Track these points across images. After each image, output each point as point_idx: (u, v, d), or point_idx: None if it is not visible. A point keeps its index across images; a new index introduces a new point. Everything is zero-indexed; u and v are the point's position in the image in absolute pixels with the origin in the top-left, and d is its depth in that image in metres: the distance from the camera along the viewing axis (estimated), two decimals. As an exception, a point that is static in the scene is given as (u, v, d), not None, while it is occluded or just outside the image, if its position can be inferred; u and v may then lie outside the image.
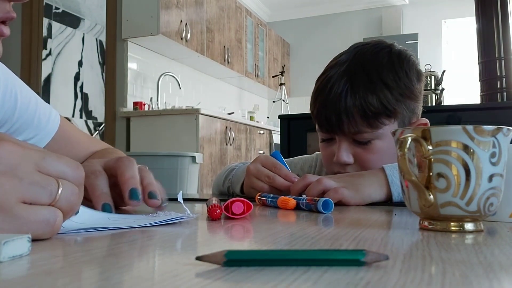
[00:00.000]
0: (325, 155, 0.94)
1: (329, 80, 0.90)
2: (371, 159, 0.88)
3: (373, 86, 0.86)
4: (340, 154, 0.88)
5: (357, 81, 0.87)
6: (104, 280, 0.24)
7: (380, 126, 0.87)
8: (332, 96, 0.88)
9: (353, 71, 0.89)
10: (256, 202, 0.72)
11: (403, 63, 0.90)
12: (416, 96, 0.91)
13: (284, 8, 6.23)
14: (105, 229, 0.41)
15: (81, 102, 3.49)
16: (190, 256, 0.30)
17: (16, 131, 0.74)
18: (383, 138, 0.88)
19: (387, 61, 0.90)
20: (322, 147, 0.95)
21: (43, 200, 0.35)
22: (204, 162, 3.52)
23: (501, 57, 2.15)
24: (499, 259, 0.30)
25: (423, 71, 0.97)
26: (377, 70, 0.88)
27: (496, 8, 2.16)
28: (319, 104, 0.91)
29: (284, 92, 5.70)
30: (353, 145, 0.89)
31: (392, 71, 0.88)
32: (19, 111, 0.73)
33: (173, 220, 0.46)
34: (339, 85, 0.88)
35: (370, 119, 0.86)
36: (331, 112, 0.88)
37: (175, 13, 3.81)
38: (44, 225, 0.34)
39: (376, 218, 0.54)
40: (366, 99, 0.85)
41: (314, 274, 0.24)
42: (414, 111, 0.91)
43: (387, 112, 0.86)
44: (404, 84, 0.88)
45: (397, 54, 0.91)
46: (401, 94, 0.88)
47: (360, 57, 0.91)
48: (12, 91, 0.72)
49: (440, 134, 0.41)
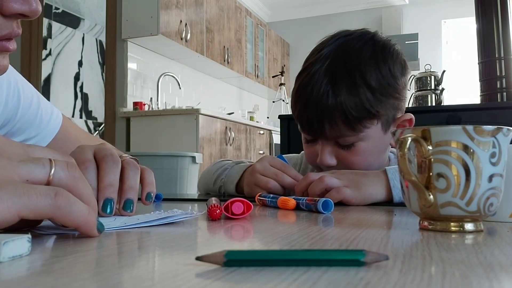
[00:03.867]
0: (308, 154, 0.93)
1: (310, 79, 0.87)
2: (355, 161, 0.86)
3: (356, 88, 0.83)
4: (324, 158, 0.87)
5: (339, 82, 0.84)
6: (104, 280, 0.23)
7: (363, 130, 0.85)
8: (314, 97, 0.85)
9: (335, 70, 0.85)
10: (256, 202, 0.72)
11: (387, 57, 0.87)
12: (400, 93, 0.89)
13: (284, 8, 6.23)
14: (111, 230, 0.41)
15: (81, 102, 3.49)
16: (190, 256, 0.30)
17: (18, 130, 0.74)
18: (367, 140, 0.86)
19: (369, 56, 0.86)
20: (305, 147, 0.94)
21: (38, 175, 0.34)
22: (204, 162, 3.52)
23: (501, 57, 2.15)
24: (499, 259, 0.30)
25: (424, 71, 0.96)
26: (360, 70, 0.85)
27: (496, 8, 2.16)
28: (300, 105, 0.88)
29: (284, 92, 5.70)
30: (337, 148, 0.87)
31: (376, 70, 0.85)
32: (22, 110, 0.73)
33: (177, 219, 0.46)
34: (320, 86, 0.84)
35: (353, 123, 0.83)
36: (313, 116, 0.85)
37: (175, 13, 3.81)
38: (43, 197, 0.32)
39: (376, 218, 0.54)
40: (348, 103, 0.83)
41: (314, 274, 0.24)
42: (397, 107, 0.89)
43: (370, 115, 0.84)
44: (387, 83, 0.86)
45: (381, 47, 0.88)
46: (384, 94, 0.85)
47: (342, 52, 0.87)
48: (15, 90, 0.72)
49: (440, 134, 0.41)
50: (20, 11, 0.44)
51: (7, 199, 0.31)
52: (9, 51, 0.47)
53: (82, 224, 0.35)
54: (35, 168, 0.34)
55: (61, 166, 0.36)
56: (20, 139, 0.74)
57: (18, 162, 0.34)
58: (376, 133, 0.86)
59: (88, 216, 0.35)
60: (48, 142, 0.77)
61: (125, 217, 0.48)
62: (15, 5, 0.44)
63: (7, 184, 0.32)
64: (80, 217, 0.34)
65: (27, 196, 0.32)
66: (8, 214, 0.31)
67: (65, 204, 0.33)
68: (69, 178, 0.36)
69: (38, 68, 3.24)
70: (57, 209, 0.33)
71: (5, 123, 0.72)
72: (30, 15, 0.45)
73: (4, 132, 0.72)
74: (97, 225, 0.36)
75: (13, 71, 0.73)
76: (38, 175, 0.35)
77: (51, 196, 0.33)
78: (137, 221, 0.44)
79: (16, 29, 0.46)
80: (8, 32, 0.46)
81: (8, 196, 0.31)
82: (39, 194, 0.32)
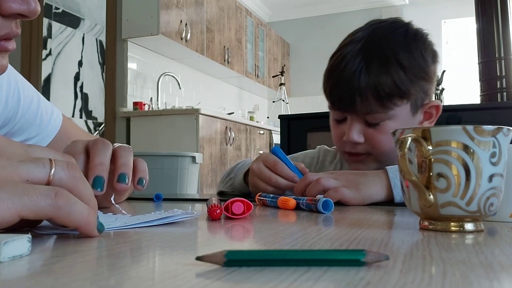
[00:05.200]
0: (336, 134, 0.95)
1: (343, 58, 0.89)
2: (382, 139, 0.88)
3: (388, 66, 0.86)
4: (351, 134, 0.89)
5: (372, 60, 0.87)
6: (104, 280, 0.23)
7: (392, 107, 0.87)
8: (346, 74, 0.87)
9: (368, 49, 0.88)
10: (256, 202, 0.72)
11: (419, 43, 0.90)
12: (430, 77, 0.91)
13: (284, 8, 6.23)
14: (111, 229, 0.41)
15: (81, 102, 3.49)
16: (190, 256, 0.30)
17: (19, 130, 0.74)
18: (395, 119, 0.88)
19: (402, 40, 0.89)
20: (333, 126, 0.96)
21: (38, 175, 0.34)
22: (204, 162, 3.52)
23: (501, 57, 2.15)
24: (500, 259, 0.30)
25: None
26: (392, 50, 0.88)
27: (496, 8, 2.16)
28: (332, 82, 0.91)
29: (284, 92, 5.69)
30: (365, 126, 0.89)
31: (407, 51, 0.88)
32: (22, 110, 0.73)
33: (177, 219, 0.46)
34: (353, 64, 0.87)
35: (383, 100, 0.86)
36: (344, 91, 0.88)
37: (175, 13, 3.81)
38: (43, 197, 0.32)
39: (376, 218, 0.54)
40: (380, 80, 0.85)
41: (314, 274, 0.24)
42: (427, 92, 0.92)
43: (400, 93, 0.86)
44: (418, 65, 0.88)
45: (413, 34, 0.91)
46: (415, 75, 0.88)
47: (375, 35, 0.91)
48: (15, 90, 0.72)
49: (440, 134, 0.41)
50: (19, 11, 0.44)
51: (7, 199, 0.31)
52: (8, 51, 0.47)
53: (82, 224, 0.35)
54: (35, 168, 0.34)
55: (61, 166, 0.36)
56: (20, 139, 0.74)
57: (18, 162, 0.34)
58: (404, 113, 0.89)
59: (88, 216, 0.35)
60: (48, 142, 0.77)
61: (126, 217, 0.48)
62: (14, 5, 0.44)
63: (7, 184, 0.32)
64: (81, 218, 0.34)
65: (27, 196, 0.32)
66: (8, 214, 0.31)
67: (65, 204, 0.33)
68: (69, 178, 0.36)
69: (38, 68, 3.24)
70: (57, 209, 0.33)
71: (5, 123, 0.72)
72: (28, 15, 0.45)
73: (4, 132, 0.72)
74: (97, 225, 0.36)
75: (13, 71, 0.73)
76: (38, 175, 0.35)
77: (51, 196, 0.33)
78: (137, 221, 0.44)
79: (15, 29, 0.46)
80: (6, 32, 0.45)
81: (8, 196, 0.31)
82: (39, 194, 0.32)
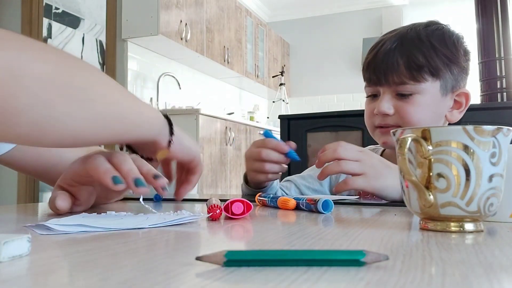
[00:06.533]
0: (368, 110, 1.01)
1: (381, 40, 0.99)
2: (411, 111, 0.93)
3: (421, 44, 0.94)
4: (382, 104, 0.94)
5: (407, 40, 0.95)
6: (104, 280, 0.23)
7: (422, 80, 0.92)
8: (382, 51, 0.96)
9: (405, 34, 0.96)
10: (256, 202, 0.72)
11: (453, 36, 0.97)
12: (461, 66, 0.96)
13: (284, 8, 6.23)
14: (114, 230, 0.41)
15: (81, 102, 3.49)
16: (190, 256, 0.30)
17: None
18: (424, 94, 0.93)
19: (438, 33, 0.96)
20: (366, 102, 1.02)
21: None
22: (204, 162, 3.52)
23: (501, 57, 2.15)
24: (499, 259, 0.30)
25: None
26: (427, 36, 0.95)
27: (496, 8, 2.16)
28: (370, 60, 0.98)
29: (284, 92, 5.69)
30: (395, 99, 0.95)
31: (441, 39, 0.95)
32: None
33: (184, 220, 0.47)
34: (389, 43, 0.96)
35: (414, 72, 0.92)
36: (379, 64, 0.95)
37: (175, 13, 3.81)
38: None
39: (376, 218, 0.54)
40: (412, 53, 0.93)
41: (314, 274, 0.24)
42: (458, 80, 0.97)
43: (431, 68, 0.92)
44: (450, 51, 0.94)
45: (448, 31, 0.98)
46: (447, 57, 0.94)
47: (413, 27, 0.98)
48: None
49: (440, 134, 0.41)
50: None
51: None
52: None
53: None
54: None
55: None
56: None
57: None
58: (433, 91, 0.94)
59: None
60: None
61: (155, 216, 0.49)
62: None
63: None
64: None
65: None
66: None
67: None
68: None
69: (38, 68, 3.24)
70: None
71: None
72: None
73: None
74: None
75: None
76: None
77: None
78: (163, 221, 0.45)
79: None
80: None
81: None
82: None
